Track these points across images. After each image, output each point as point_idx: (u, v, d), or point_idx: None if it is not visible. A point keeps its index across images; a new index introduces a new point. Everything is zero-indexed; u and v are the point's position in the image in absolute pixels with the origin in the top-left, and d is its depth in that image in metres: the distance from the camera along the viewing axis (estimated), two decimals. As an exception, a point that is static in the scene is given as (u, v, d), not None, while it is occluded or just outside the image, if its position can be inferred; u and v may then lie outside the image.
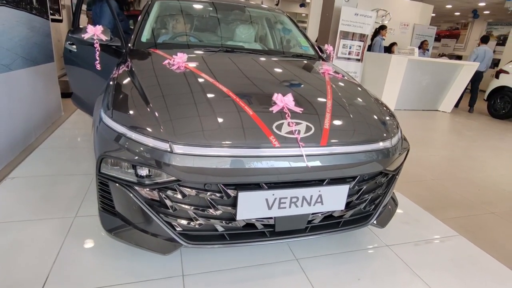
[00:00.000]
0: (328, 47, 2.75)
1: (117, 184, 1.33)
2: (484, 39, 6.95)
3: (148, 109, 1.38)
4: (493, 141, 4.82)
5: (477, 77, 6.63)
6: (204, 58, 1.99)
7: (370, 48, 6.82)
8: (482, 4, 10.83)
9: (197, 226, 1.34)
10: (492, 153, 4.15)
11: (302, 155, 1.28)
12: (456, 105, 7.03)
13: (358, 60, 6.13)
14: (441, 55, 11.81)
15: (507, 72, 6.41)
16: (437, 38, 14.05)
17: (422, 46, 7.70)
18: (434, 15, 11.75)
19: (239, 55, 2.15)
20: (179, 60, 1.70)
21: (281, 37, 2.86)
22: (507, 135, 5.31)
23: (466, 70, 6.45)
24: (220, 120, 1.34)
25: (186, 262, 1.58)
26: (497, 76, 6.58)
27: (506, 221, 2.38)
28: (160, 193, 1.30)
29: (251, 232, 1.40)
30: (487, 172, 3.39)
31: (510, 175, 3.37)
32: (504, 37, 11.06)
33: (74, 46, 2.69)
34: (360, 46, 6.02)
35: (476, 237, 2.08)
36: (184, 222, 1.34)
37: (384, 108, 1.83)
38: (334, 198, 1.40)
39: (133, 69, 1.73)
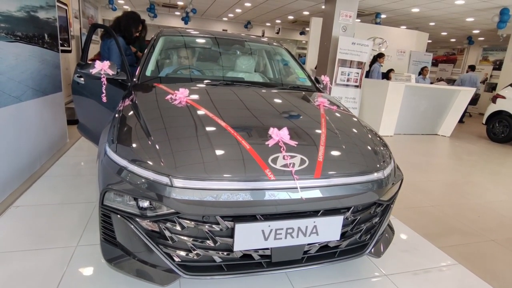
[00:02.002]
0: (324, 78, 2.86)
1: (118, 216, 1.38)
2: (471, 67, 8.91)
3: (150, 143, 1.45)
4: (492, 166, 4.84)
5: None
6: (205, 92, 2.09)
7: (368, 75, 7.01)
8: (476, 31, 11.18)
9: (195, 257, 1.37)
10: (492, 178, 4.16)
11: (296, 188, 1.34)
12: (461, 121, 8.45)
13: (356, 86, 6.29)
14: (439, 80, 12.05)
15: (503, 97, 6.52)
16: (435, 63, 14.39)
17: (423, 72, 7.88)
18: (430, 41, 12.11)
19: (238, 88, 2.25)
20: (181, 95, 1.80)
21: (279, 70, 2.99)
22: (507, 159, 5.33)
23: (463, 95, 6.58)
24: (218, 154, 1.41)
25: (184, 292, 1.60)
26: (494, 101, 6.69)
27: (507, 249, 2.37)
28: (160, 225, 1.34)
29: (249, 263, 1.43)
30: (487, 198, 3.40)
31: (511, 200, 3.38)
32: (500, 62, 11.30)
33: (82, 79, 2.82)
34: (358, 73, 6.20)
35: (475, 266, 2.07)
36: (182, 253, 1.37)
37: (378, 138, 1.90)
38: (329, 229, 1.43)
39: (136, 103, 1.82)
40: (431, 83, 8.03)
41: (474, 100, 8.87)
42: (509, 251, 2.34)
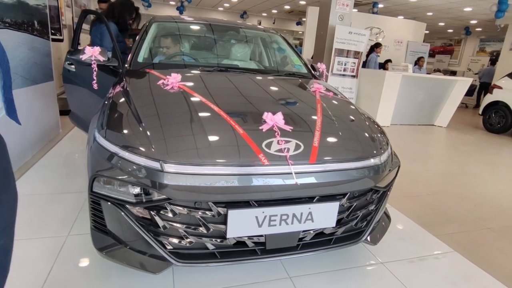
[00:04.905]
0: (321, 65, 2.81)
1: (108, 203, 1.34)
2: (492, 61, 10.34)
3: (140, 129, 1.41)
4: (489, 156, 4.85)
5: (485, 85, 9.29)
6: (198, 78, 2.04)
7: (365, 65, 6.95)
8: (473, 21, 11.12)
9: (187, 244, 1.34)
10: (488, 168, 4.17)
11: (291, 173, 1.30)
12: (477, 105, 9.92)
13: (353, 76, 6.23)
14: (435, 71, 12.03)
15: (500, 87, 6.51)
16: (432, 54, 14.34)
17: (418, 63, 7.85)
18: (427, 32, 12.04)
19: (232, 74, 2.20)
20: (173, 80, 1.75)
21: (275, 57, 2.93)
22: (503, 149, 5.34)
23: (460, 85, 6.56)
24: (210, 139, 1.37)
25: (178, 281, 1.57)
26: (490, 91, 6.68)
27: (502, 236, 2.37)
28: (151, 212, 1.31)
29: (242, 250, 1.41)
30: (483, 187, 3.40)
31: (506, 190, 3.38)
32: (497, 53, 11.30)
33: (73, 66, 2.75)
34: (354, 63, 6.14)
35: (471, 253, 2.07)
36: (175, 240, 1.34)
37: (375, 125, 1.87)
38: (325, 215, 1.41)
39: (127, 89, 1.77)
40: (428, 73, 8.00)
41: (470, 91, 8.91)
42: (505, 238, 2.34)
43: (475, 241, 2.27)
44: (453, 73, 12.37)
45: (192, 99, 1.66)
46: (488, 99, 6.68)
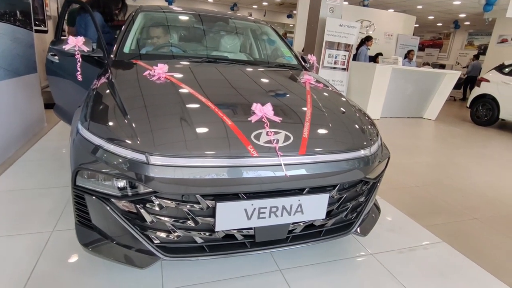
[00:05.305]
0: (311, 57, 2.78)
1: (93, 197, 1.30)
2: (476, 56, 10.73)
3: (126, 120, 1.36)
4: (476, 148, 4.93)
5: (473, 79, 9.44)
6: (186, 69, 1.99)
7: (355, 58, 6.95)
8: (462, 15, 11.23)
9: (175, 238, 1.31)
10: (475, 160, 4.23)
11: (280, 165, 1.28)
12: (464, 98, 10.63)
13: (343, 69, 6.23)
14: (424, 64, 12.14)
15: (487, 80, 6.59)
16: (421, 48, 14.47)
17: (408, 56, 7.89)
18: (417, 25, 12.11)
19: (221, 66, 2.16)
20: (160, 71, 1.70)
21: (265, 48, 2.89)
22: (490, 142, 5.43)
23: (448, 78, 6.62)
24: (198, 130, 1.33)
25: (166, 275, 1.55)
26: (478, 85, 6.76)
27: (489, 226, 2.41)
28: (137, 205, 1.27)
29: (231, 243, 1.39)
30: (470, 179, 3.45)
31: (493, 181, 3.44)
32: (485, 46, 11.46)
33: (56, 57, 2.66)
34: (345, 55, 6.12)
35: (459, 243, 2.09)
36: (162, 234, 1.31)
37: (365, 116, 1.85)
38: (314, 207, 1.39)
39: (112, 80, 1.71)
40: (417, 67, 8.06)
41: (458, 85, 9.03)
42: (491, 228, 2.38)
43: (463, 231, 2.30)
44: (442, 66, 12.51)
45: (180, 90, 1.61)
46: (475, 92, 6.77)
